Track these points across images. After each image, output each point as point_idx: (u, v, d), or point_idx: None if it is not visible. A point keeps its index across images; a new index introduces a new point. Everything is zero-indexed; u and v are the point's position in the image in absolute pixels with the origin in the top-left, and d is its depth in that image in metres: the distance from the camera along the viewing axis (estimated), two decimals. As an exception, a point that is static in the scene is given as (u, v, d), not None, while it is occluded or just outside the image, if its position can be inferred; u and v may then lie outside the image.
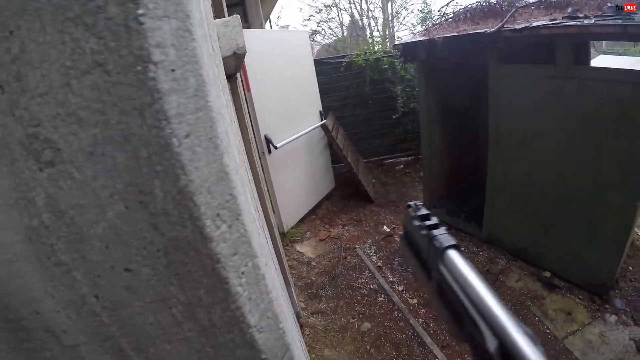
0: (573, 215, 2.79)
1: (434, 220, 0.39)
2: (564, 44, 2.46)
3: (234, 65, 1.64)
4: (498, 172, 3.29)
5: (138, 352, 0.43)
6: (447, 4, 3.99)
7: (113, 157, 0.35)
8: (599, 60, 4.20)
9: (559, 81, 2.57)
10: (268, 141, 3.83)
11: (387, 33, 10.11)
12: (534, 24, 2.52)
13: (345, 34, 11.62)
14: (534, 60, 2.77)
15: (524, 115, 2.90)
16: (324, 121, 4.84)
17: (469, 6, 3.44)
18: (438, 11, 5.42)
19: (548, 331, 2.66)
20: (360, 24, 11.40)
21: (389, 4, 10.48)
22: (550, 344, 2.55)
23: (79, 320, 0.41)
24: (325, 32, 11.25)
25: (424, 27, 5.75)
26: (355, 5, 11.43)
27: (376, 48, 6.09)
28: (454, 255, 0.34)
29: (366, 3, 11.32)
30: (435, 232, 0.37)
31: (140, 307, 0.40)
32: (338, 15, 11.65)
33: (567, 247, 2.92)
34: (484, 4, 3.29)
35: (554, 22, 2.47)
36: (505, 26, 2.71)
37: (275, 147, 3.88)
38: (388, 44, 7.50)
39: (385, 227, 4.45)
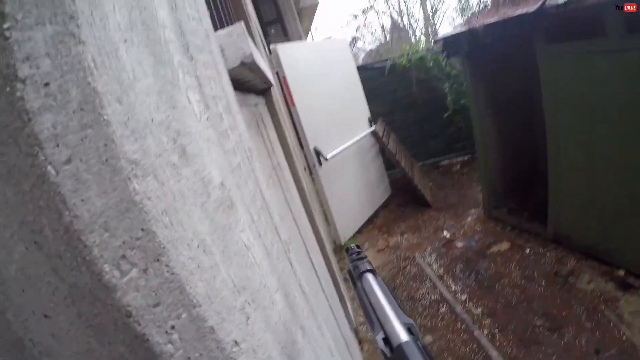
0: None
1: (361, 255, 0.57)
2: (613, 12, 2.21)
3: (259, 78, 1.57)
4: (560, 163, 3.00)
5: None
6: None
7: (4, 193, 0.30)
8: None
9: (613, 55, 2.32)
10: (318, 153, 3.81)
11: (429, 30, 9.81)
12: (578, -4, 2.29)
13: (387, 37, 11.45)
14: (585, 37, 2.51)
15: (581, 97, 2.63)
16: (373, 127, 4.74)
17: (508, -13, 3.21)
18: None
19: (624, 338, 2.34)
20: (401, 24, 11.18)
21: (427, 1, 10.19)
22: (626, 353, 2.25)
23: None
24: (365, 37, 11.19)
25: (463, 17, 5.49)
26: (393, 7, 11.24)
27: (419, 47, 5.91)
28: (368, 275, 0.51)
29: (404, 3, 11.08)
30: (358, 262, 0.55)
31: (70, 357, 0.35)
32: (378, 19, 11.62)
33: (642, 241, 2.55)
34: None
35: (598, -10, 2.21)
36: (547, 3, 2.49)
37: (326, 159, 3.84)
38: (432, 41, 7.27)
39: (445, 232, 4.23)
